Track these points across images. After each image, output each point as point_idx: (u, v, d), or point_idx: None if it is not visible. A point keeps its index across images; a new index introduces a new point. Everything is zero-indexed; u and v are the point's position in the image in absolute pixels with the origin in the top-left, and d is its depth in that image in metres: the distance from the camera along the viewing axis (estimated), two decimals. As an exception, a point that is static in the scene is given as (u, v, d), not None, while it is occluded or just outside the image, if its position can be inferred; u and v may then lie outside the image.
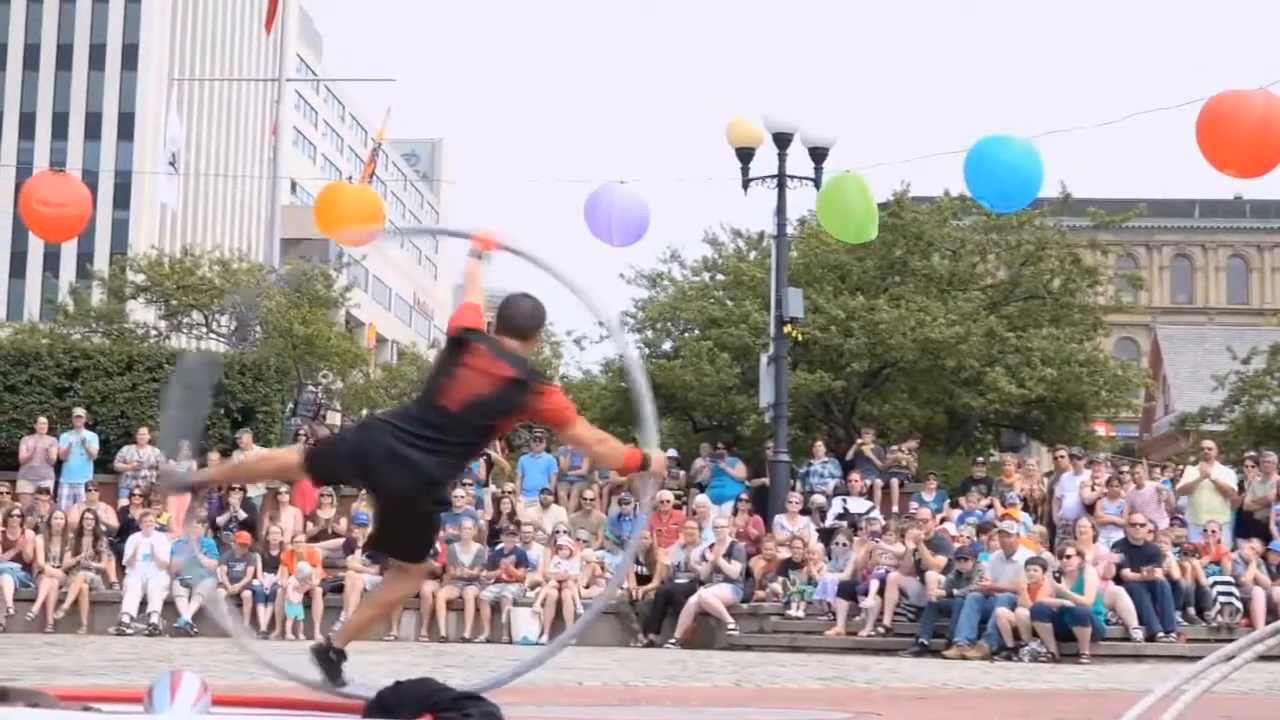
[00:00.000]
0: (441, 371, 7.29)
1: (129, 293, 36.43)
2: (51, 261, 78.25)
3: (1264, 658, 5.95)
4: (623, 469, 7.79)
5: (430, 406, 7.15)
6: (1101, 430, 38.60)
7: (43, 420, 23.39)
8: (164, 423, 8.82)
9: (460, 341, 7.26)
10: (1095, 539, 19.15)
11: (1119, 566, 18.52)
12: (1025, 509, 21.50)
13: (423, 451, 6.99)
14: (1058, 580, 17.69)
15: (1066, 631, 17.30)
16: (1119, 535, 19.53)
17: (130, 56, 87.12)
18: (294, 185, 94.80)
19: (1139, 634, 17.91)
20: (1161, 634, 17.93)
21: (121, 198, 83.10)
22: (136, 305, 37.03)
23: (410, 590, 7.72)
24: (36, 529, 21.48)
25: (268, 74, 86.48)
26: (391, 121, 37.64)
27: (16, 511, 21.54)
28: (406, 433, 7.05)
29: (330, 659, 7.11)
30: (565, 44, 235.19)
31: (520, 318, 7.37)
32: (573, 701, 8.08)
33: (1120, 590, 18.14)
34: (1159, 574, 18.28)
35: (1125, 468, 22.63)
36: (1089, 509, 20.77)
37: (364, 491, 7.63)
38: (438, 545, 20.82)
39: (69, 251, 77.54)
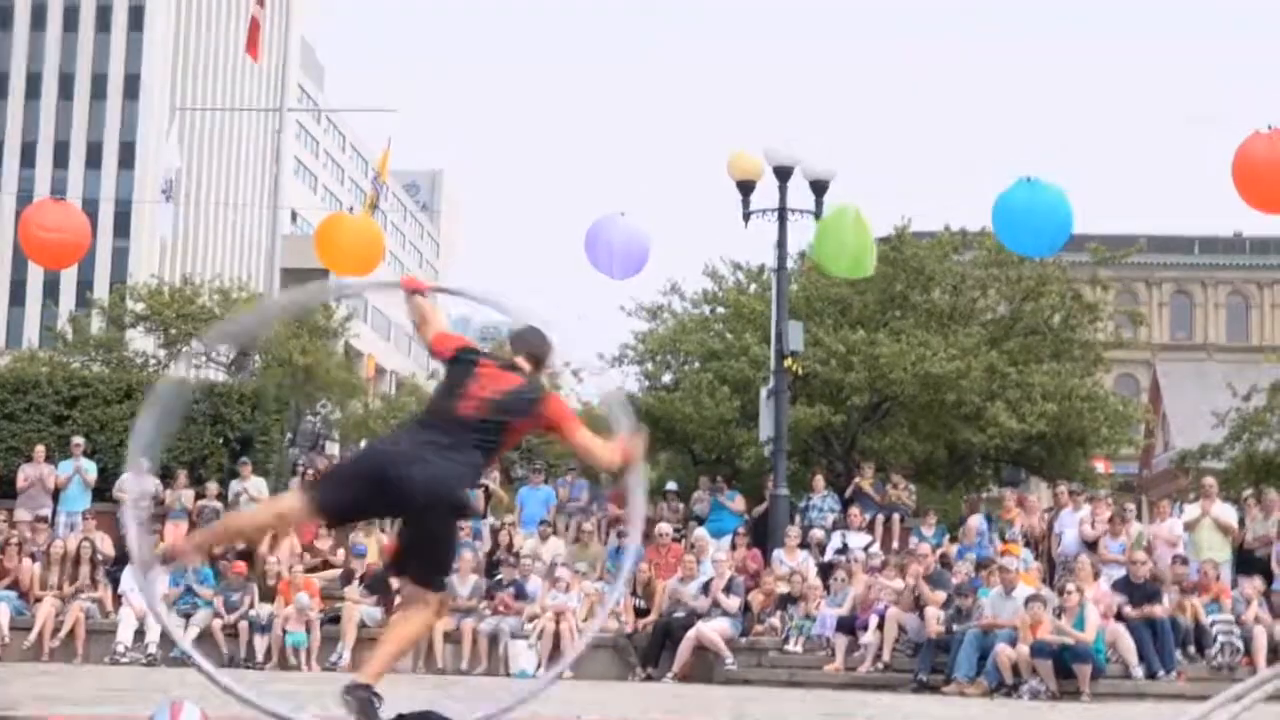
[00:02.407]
0: (452, 386, 7.61)
1: (128, 321, 36.43)
2: (51, 290, 78.30)
3: (1273, 698, 5.91)
4: (621, 460, 8.17)
5: (442, 417, 7.48)
6: (1101, 467, 38.52)
7: (40, 448, 23.31)
8: (133, 438, 8.93)
9: (464, 359, 7.70)
10: (1096, 576, 19.08)
11: (1119, 604, 18.44)
12: (1025, 545, 21.44)
13: (442, 452, 7.26)
14: (1058, 617, 17.62)
15: (1066, 669, 17.21)
16: (1120, 573, 19.46)
17: (132, 86, 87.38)
18: (294, 215, 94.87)
19: (1139, 672, 17.82)
20: (1162, 672, 17.84)
21: (122, 227, 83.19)
22: (136, 334, 37.02)
23: (428, 623, 7.72)
24: (34, 557, 21.39)
25: (269, 104, 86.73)
26: (392, 152, 37.55)
27: (14, 539, 21.46)
28: (423, 441, 7.35)
29: (370, 701, 7.15)
30: (567, 76, 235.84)
31: (534, 343, 7.99)
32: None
33: (1121, 628, 18.05)
34: (1159, 612, 18.22)
35: (1130, 505, 22.55)
36: (1090, 546, 20.69)
37: (381, 513, 7.99)
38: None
39: (69, 280, 77.60)
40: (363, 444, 40.61)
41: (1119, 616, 18.29)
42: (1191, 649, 18.51)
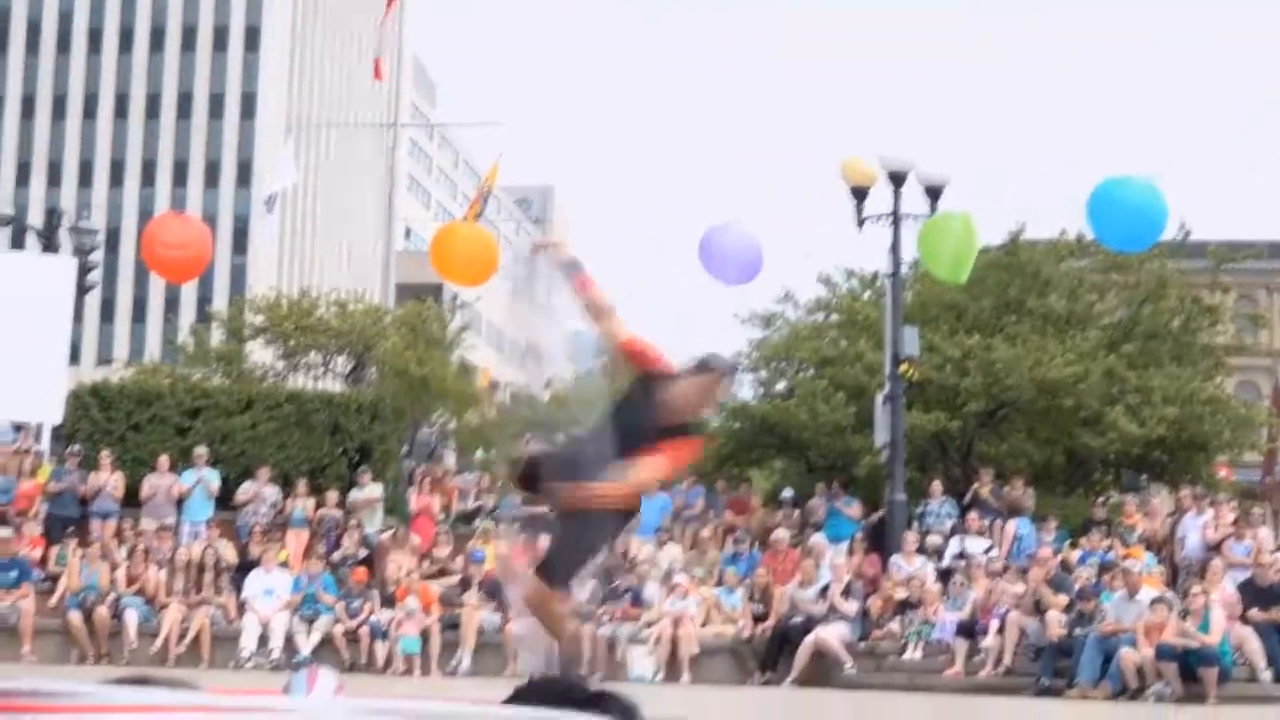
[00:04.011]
0: None
1: (248, 334, 36.83)
2: (172, 306, 79.55)
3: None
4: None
5: None
6: (1222, 473, 37.95)
7: (164, 459, 23.63)
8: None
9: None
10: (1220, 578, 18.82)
11: (1245, 607, 18.18)
12: (1147, 549, 21.19)
13: None
14: (1183, 620, 17.39)
15: (1192, 673, 16.98)
16: (1245, 576, 19.17)
17: (248, 105, 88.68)
18: (408, 231, 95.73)
19: (1267, 676, 17.55)
20: (1290, 676, 17.55)
21: (240, 242, 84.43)
22: (255, 346, 37.43)
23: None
24: (160, 565, 21.76)
25: (382, 120, 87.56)
26: (503, 167, 37.60)
27: (140, 548, 21.84)
28: None
29: None
30: (676, 86, 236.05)
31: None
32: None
33: (1248, 631, 17.80)
34: (1288, 614, 17.94)
35: (1258, 510, 22.21)
36: (1213, 549, 20.41)
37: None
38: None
39: (188, 296, 78.82)
40: (478, 455, 40.90)
41: (1244, 619, 18.03)
42: (1321, 652, 18.20)
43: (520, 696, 5.36)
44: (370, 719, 3.85)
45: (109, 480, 23.32)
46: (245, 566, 21.97)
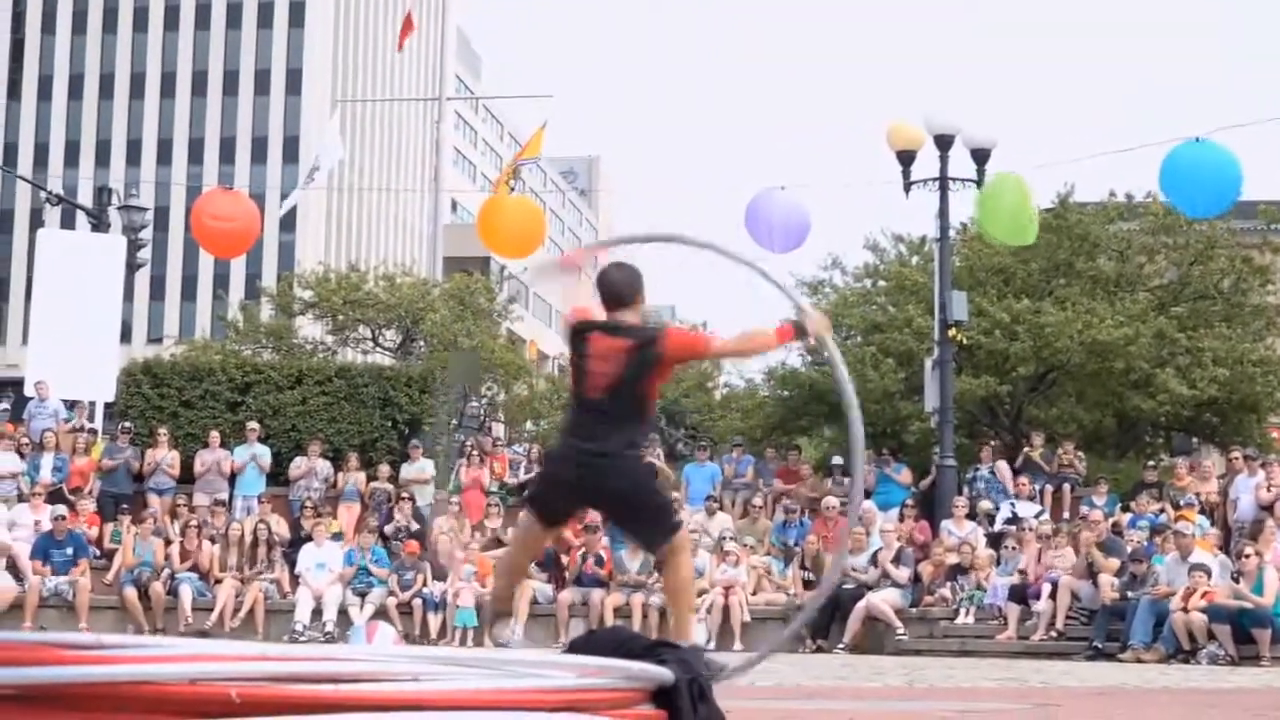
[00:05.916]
0: (575, 368, 7.46)
1: (297, 309, 37.01)
2: (221, 283, 79.85)
3: None
4: (780, 341, 7.76)
5: (579, 403, 7.37)
6: (1274, 434, 37.73)
7: (215, 434, 23.78)
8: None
9: (577, 335, 7.43)
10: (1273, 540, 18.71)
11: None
12: (1200, 512, 21.09)
13: (592, 443, 7.19)
14: (1236, 581, 17.32)
15: (1245, 634, 16.92)
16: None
17: (294, 81, 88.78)
18: (454, 204, 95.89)
19: (1322, 637, 17.43)
20: (1345, 636, 17.43)
21: (288, 219, 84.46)
22: (305, 321, 37.61)
23: (687, 564, 7.54)
24: (213, 540, 21.92)
25: (427, 95, 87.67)
26: (547, 138, 37.58)
27: (194, 523, 22.01)
28: (572, 437, 7.37)
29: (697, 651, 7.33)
30: (721, 53, 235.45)
31: (618, 288, 7.45)
32: (749, 696, 8.06)
33: (1302, 592, 17.68)
34: (1342, 575, 17.80)
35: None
36: (1266, 510, 20.30)
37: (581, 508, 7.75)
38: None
39: (238, 272, 79.12)
40: (527, 426, 41.06)
41: (1299, 580, 17.91)
42: (1376, 612, 18.08)
43: (578, 647, 5.40)
44: (434, 666, 3.94)
45: (166, 456, 23.52)
46: (297, 541, 22.11)
